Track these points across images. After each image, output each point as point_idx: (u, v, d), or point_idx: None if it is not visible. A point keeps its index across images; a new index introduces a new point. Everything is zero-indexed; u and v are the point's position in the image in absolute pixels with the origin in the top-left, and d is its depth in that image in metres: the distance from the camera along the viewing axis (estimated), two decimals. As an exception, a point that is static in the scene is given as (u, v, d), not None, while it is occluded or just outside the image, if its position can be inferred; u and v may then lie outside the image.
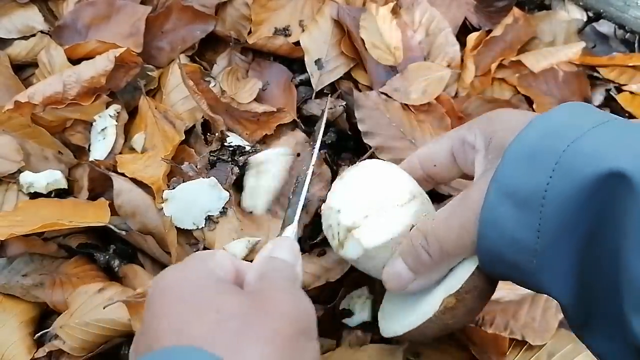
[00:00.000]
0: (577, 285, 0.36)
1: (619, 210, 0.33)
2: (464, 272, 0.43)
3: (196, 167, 0.65)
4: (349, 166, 0.60)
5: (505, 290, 0.61)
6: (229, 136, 0.68)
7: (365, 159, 0.55)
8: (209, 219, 0.63)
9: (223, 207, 0.63)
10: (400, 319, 0.48)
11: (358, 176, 0.50)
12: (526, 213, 0.36)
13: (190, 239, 0.64)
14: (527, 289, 0.42)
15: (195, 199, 0.62)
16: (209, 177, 0.63)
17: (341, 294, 0.61)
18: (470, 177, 0.47)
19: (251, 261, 0.43)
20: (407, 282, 0.45)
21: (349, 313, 0.61)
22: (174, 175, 0.65)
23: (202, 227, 0.63)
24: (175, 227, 0.62)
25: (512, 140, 0.38)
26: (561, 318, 0.59)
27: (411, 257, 0.44)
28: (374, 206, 0.46)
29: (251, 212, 0.64)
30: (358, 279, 0.61)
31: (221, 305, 0.33)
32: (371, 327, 0.61)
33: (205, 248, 0.62)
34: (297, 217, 0.52)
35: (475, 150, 0.44)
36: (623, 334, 0.34)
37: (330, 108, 0.72)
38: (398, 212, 0.46)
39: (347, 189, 0.50)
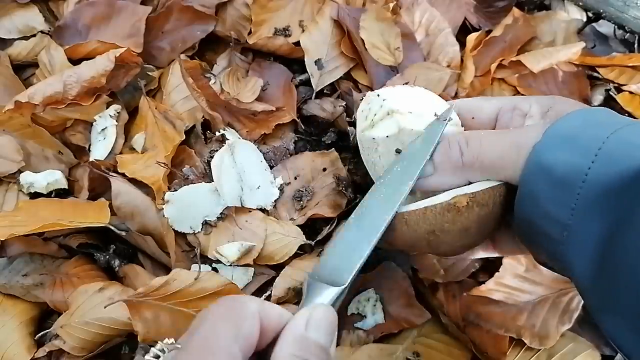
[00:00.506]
0: (600, 267, 0.37)
1: None
2: (485, 184, 0.43)
3: (196, 170, 0.65)
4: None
5: (505, 295, 0.61)
6: (226, 130, 0.68)
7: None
8: (206, 223, 0.63)
9: (221, 213, 0.63)
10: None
11: (410, 88, 0.53)
12: (563, 191, 0.37)
13: (187, 242, 0.64)
14: (526, 297, 0.42)
15: (195, 202, 0.62)
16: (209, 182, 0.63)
17: (345, 297, 0.61)
18: None
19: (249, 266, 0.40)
20: (424, 173, 0.45)
21: (361, 317, 0.61)
22: (176, 176, 0.65)
23: (198, 232, 0.63)
24: (173, 229, 0.62)
25: (556, 121, 0.40)
26: (564, 330, 0.59)
27: (442, 150, 0.44)
28: (418, 110, 0.49)
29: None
30: (361, 281, 0.61)
31: None
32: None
33: (200, 253, 0.62)
34: (350, 278, 0.41)
35: (527, 117, 0.45)
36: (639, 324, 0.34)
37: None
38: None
39: (397, 90, 0.52)
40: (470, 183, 0.44)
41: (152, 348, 0.33)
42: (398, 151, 0.49)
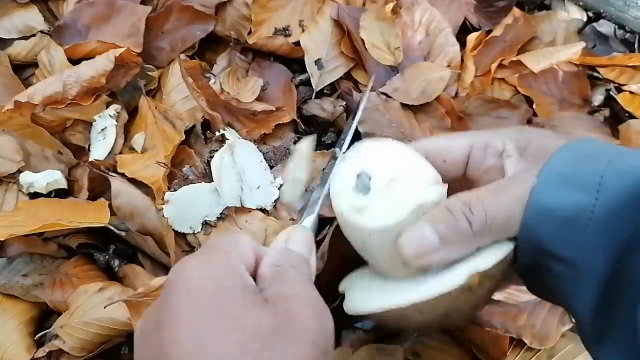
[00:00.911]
0: (600, 298, 0.37)
1: None
2: (493, 254, 0.40)
3: (196, 170, 0.65)
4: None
5: (505, 295, 0.61)
6: (226, 130, 0.68)
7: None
8: (206, 223, 0.63)
9: (221, 213, 0.63)
10: (386, 295, 0.43)
11: (386, 146, 0.46)
12: (569, 231, 0.37)
13: (187, 242, 0.64)
14: (526, 297, 0.42)
15: (195, 202, 0.62)
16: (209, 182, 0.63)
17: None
18: (468, 182, 0.46)
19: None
20: (429, 249, 0.40)
21: (361, 317, 0.61)
22: (175, 176, 0.65)
23: (198, 232, 0.63)
24: (173, 229, 0.62)
25: (546, 161, 0.39)
26: (564, 330, 0.59)
27: (446, 223, 0.40)
28: (400, 174, 0.42)
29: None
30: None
31: (246, 322, 0.32)
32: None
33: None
34: (317, 208, 0.48)
35: (504, 156, 0.43)
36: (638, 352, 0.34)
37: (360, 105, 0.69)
38: (427, 188, 0.42)
39: (376, 155, 0.45)
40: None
41: None
42: None
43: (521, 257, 0.40)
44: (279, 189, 0.67)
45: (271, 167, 0.68)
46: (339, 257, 0.51)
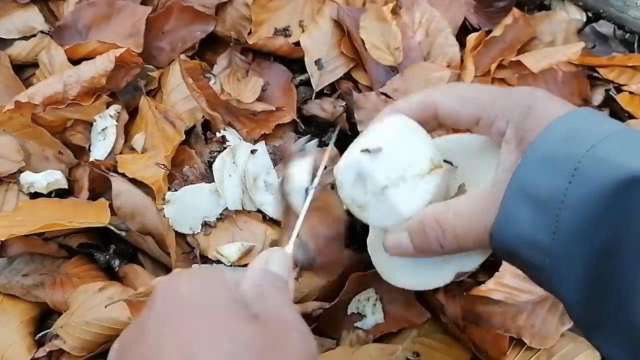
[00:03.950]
0: (587, 289, 0.36)
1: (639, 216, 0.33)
2: (477, 256, 0.45)
3: (196, 171, 0.65)
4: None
5: (505, 295, 0.61)
6: (226, 130, 0.68)
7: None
8: (205, 224, 0.63)
9: (220, 214, 0.63)
10: (406, 273, 0.49)
11: (388, 128, 0.46)
12: (543, 214, 0.36)
13: (188, 242, 0.64)
14: (526, 297, 0.42)
15: (195, 203, 0.62)
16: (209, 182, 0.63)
17: (345, 296, 0.61)
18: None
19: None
20: (405, 254, 0.45)
21: (361, 316, 0.61)
22: (176, 177, 0.65)
23: (197, 233, 0.63)
24: (173, 229, 0.62)
25: (533, 140, 0.38)
26: (564, 330, 0.59)
27: (420, 241, 0.44)
28: (393, 175, 0.43)
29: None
30: (361, 279, 0.61)
31: (237, 334, 0.31)
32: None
33: (200, 253, 0.62)
34: (295, 233, 0.46)
35: (504, 142, 0.42)
36: (633, 343, 0.34)
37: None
38: (418, 183, 0.44)
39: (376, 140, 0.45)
40: None
41: None
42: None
43: (497, 239, 0.40)
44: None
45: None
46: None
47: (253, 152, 0.66)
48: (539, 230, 0.37)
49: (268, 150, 0.69)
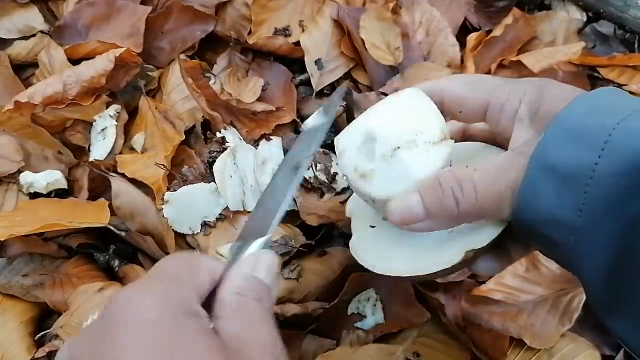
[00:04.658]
0: (611, 268, 0.35)
1: None
2: (487, 231, 0.41)
3: (196, 171, 0.65)
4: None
5: (505, 295, 0.61)
6: (226, 130, 0.68)
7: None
8: (205, 224, 0.63)
9: (220, 214, 0.63)
10: (401, 259, 0.44)
11: (398, 100, 0.45)
12: (569, 190, 0.34)
13: (186, 242, 0.64)
14: (526, 297, 0.41)
15: (195, 203, 0.62)
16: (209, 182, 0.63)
17: (345, 296, 0.61)
18: (493, 134, 0.45)
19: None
20: (415, 219, 0.40)
21: (361, 316, 0.61)
22: (175, 177, 0.65)
23: (197, 233, 0.63)
24: (173, 229, 0.62)
25: (559, 113, 0.36)
26: (564, 330, 0.59)
27: (433, 197, 0.39)
28: (405, 137, 0.41)
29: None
30: (361, 279, 0.61)
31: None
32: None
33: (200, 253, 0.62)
34: (271, 228, 0.42)
35: (517, 120, 0.41)
36: None
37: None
38: (432, 152, 0.41)
39: (385, 112, 0.44)
40: None
41: None
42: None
43: (520, 217, 0.38)
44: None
45: (271, 167, 0.68)
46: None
47: (268, 139, 0.66)
48: (563, 206, 0.35)
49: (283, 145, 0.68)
